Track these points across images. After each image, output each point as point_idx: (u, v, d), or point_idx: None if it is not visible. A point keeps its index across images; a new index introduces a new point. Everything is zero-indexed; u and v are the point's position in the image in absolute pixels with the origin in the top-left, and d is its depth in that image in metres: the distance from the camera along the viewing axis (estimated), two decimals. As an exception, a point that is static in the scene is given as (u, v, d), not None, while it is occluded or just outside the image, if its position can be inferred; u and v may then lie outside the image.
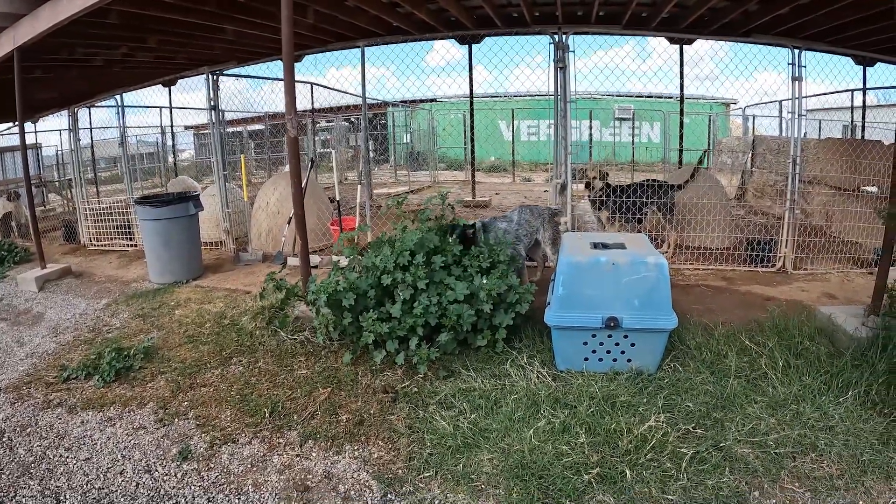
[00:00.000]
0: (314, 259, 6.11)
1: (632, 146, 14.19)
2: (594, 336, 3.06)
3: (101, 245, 7.40)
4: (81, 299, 5.16)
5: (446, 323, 3.13)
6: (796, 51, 5.21)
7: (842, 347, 3.33)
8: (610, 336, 3.05)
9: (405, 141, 17.47)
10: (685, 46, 8.74)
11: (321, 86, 10.53)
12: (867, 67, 8.56)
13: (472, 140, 8.96)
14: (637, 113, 16.67)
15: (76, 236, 7.77)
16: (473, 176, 9.67)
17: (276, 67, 7.77)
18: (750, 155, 10.38)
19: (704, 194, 6.13)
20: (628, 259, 2.98)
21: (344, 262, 3.71)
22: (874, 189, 6.22)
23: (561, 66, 5.02)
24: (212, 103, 6.40)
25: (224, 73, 6.57)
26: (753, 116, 13.04)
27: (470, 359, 3.30)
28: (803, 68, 5.41)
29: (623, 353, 3.10)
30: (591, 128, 15.56)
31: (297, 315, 3.86)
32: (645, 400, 2.87)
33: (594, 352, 3.10)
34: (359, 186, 5.96)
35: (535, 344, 3.45)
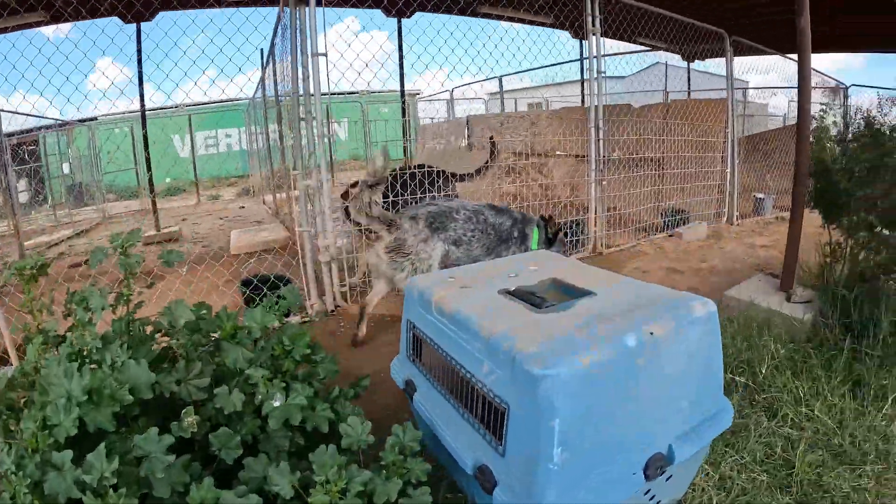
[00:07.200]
0: None
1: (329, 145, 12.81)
2: None
3: None
4: None
5: None
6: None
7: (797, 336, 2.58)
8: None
9: (64, 172, 12.00)
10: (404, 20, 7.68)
11: None
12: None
13: (147, 148, 5.67)
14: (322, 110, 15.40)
15: None
16: (154, 201, 6.42)
17: None
18: (466, 136, 10.33)
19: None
20: (670, 325, 1.35)
21: None
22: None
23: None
24: None
25: None
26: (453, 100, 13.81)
27: None
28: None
29: (652, 497, 1.50)
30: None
31: None
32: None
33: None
34: None
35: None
